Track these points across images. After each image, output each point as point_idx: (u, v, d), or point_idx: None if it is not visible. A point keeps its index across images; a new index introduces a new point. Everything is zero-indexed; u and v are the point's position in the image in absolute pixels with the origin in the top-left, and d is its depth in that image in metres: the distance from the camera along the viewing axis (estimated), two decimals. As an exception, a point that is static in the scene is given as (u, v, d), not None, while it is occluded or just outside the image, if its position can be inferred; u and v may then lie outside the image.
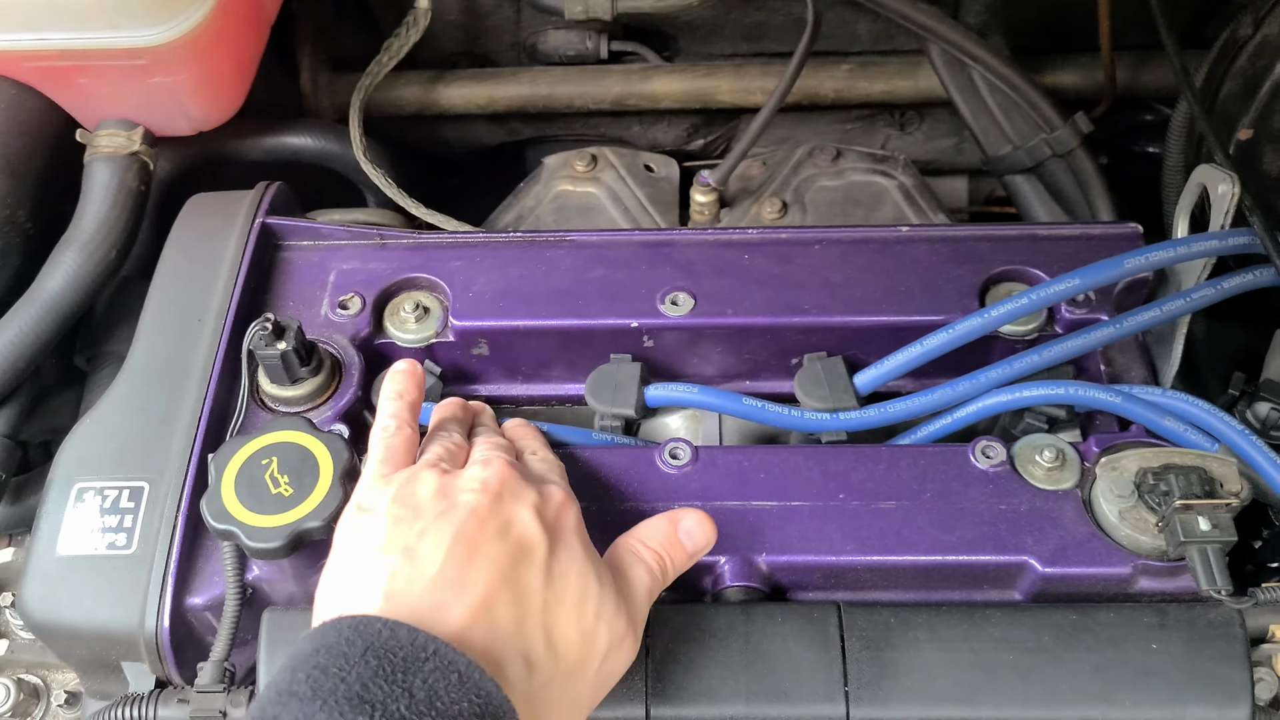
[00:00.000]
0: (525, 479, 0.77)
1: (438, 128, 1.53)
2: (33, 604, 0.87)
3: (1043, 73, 1.35)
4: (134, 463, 0.92)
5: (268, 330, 0.92)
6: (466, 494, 0.73)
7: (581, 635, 0.71)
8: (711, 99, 1.41)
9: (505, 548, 0.71)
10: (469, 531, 0.71)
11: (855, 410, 0.95)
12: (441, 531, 0.70)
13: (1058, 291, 0.93)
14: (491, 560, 0.70)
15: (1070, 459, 0.89)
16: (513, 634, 0.68)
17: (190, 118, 1.14)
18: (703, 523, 0.80)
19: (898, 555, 0.86)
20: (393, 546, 0.70)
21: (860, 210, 1.30)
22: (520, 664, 0.68)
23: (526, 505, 0.74)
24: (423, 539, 0.70)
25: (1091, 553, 0.85)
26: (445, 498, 0.73)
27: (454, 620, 0.66)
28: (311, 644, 0.63)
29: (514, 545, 0.71)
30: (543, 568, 0.71)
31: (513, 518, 0.73)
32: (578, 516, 0.77)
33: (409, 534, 0.70)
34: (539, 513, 0.74)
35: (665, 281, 1.02)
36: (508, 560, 0.70)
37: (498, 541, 0.71)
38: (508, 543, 0.71)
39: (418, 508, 0.72)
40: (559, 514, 0.75)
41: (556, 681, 0.70)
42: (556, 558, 0.72)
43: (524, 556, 0.71)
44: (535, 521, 0.73)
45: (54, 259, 1.07)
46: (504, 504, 0.73)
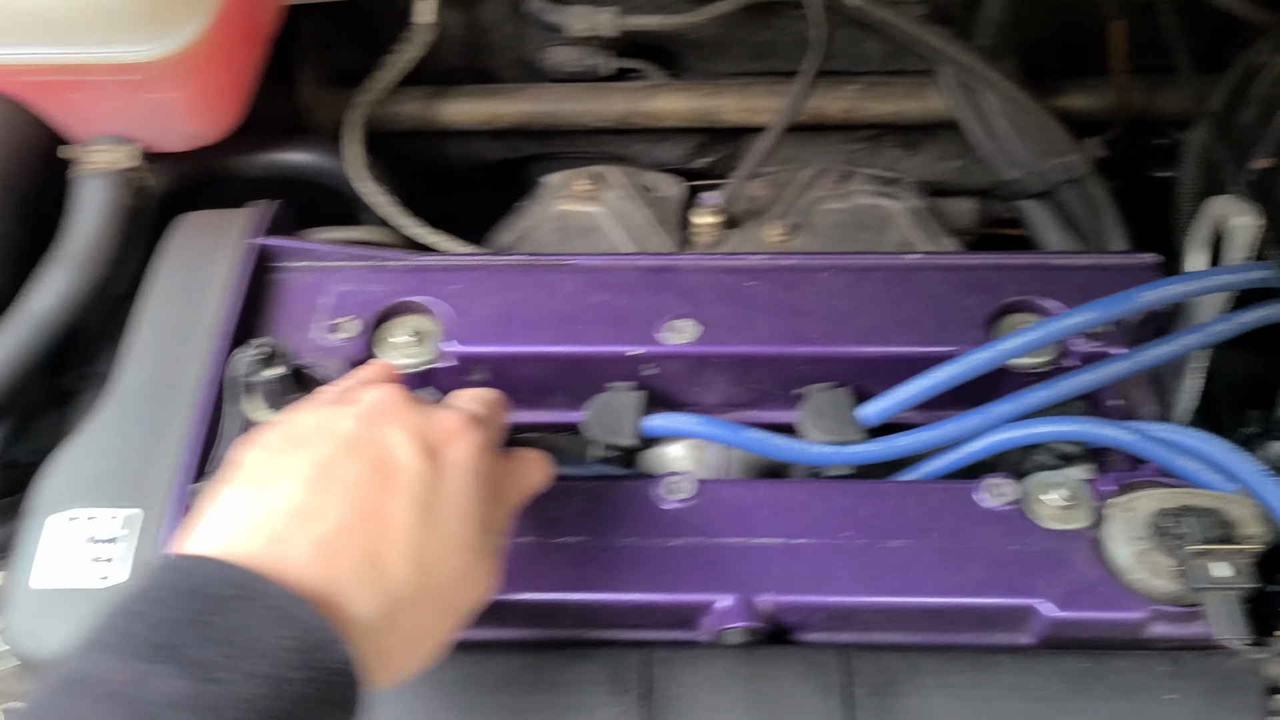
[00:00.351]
0: (417, 405, 0.73)
1: (438, 143, 1.50)
2: (18, 636, 0.84)
3: (1054, 95, 1.32)
4: (118, 490, 0.89)
5: (259, 355, 0.89)
6: (344, 419, 0.70)
7: (453, 570, 0.68)
8: (717, 118, 1.38)
9: (367, 473, 0.67)
10: (330, 458, 0.67)
11: (861, 444, 0.93)
12: (304, 459, 0.67)
13: (1071, 324, 0.91)
14: (348, 486, 0.66)
15: (1082, 498, 0.87)
16: (361, 564, 0.64)
17: (185, 134, 1.12)
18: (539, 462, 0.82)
19: (905, 596, 0.83)
20: (249, 477, 0.67)
21: (867, 234, 1.28)
22: (367, 593, 0.64)
23: (404, 428, 0.70)
24: (281, 469, 0.67)
25: (1104, 597, 0.82)
26: (322, 427, 0.70)
27: (296, 553, 0.63)
28: (134, 586, 0.61)
29: (377, 471, 0.67)
30: (412, 496, 0.67)
31: (385, 442, 0.69)
32: (474, 445, 0.72)
33: (271, 464, 0.68)
34: (419, 435, 0.70)
35: (668, 308, 0.99)
36: (368, 488, 0.66)
37: (360, 466, 0.67)
38: (371, 468, 0.67)
39: (290, 438, 0.69)
40: (446, 440, 0.71)
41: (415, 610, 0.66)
42: (433, 487, 0.68)
43: (388, 483, 0.67)
44: (410, 445, 0.69)
45: (42, 277, 1.04)
46: (377, 428, 0.70)
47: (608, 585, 0.82)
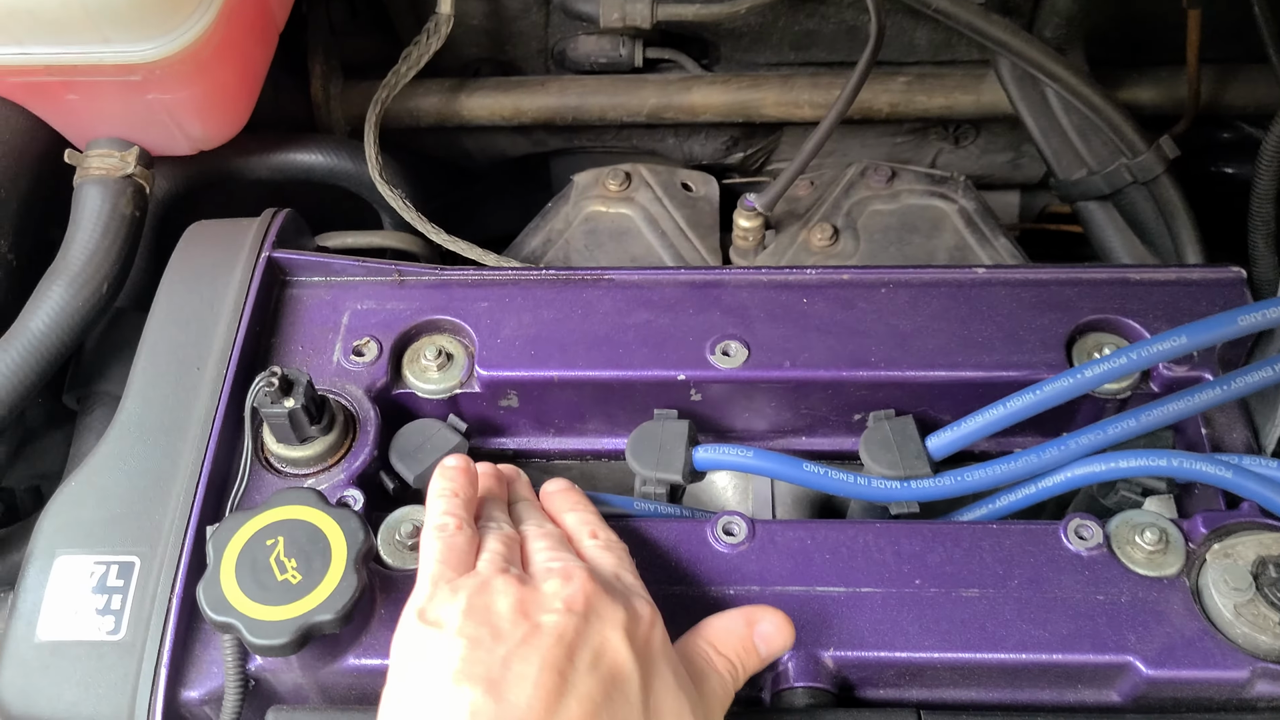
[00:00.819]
0: (609, 592, 0.68)
1: (458, 138, 1.42)
2: (10, 694, 0.78)
3: (1118, 88, 1.24)
4: (124, 533, 0.82)
5: (274, 385, 0.82)
6: (550, 615, 0.64)
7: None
8: (755, 112, 1.30)
9: (598, 682, 0.62)
10: (557, 661, 0.62)
11: (929, 478, 0.85)
12: (527, 661, 0.61)
13: (1161, 351, 0.83)
14: (584, 698, 0.61)
15: (1174, 541, 0.80)
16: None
17: (190, 137, 1.04)
18: (781, 628, 0.71)
19: (983, 653, 0.76)
20: (472, 676, 0.61)
21: (918, 237, 1.20)
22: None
23: (616, 627, 0.65)
24: (507, 669, 0.61)
25: (1203, 653, 0.75)
26: (526, 617, 0.64)
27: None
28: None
29: (607, 678, 0.62)
30: (639, 704, 0.62)
31: (604, 645, 0.64)
32: (664, 632, 0.68)
33: (490, 661, 0.61)
34: (629, 635, 0.65)
35: (715, 328, 0.91)
36: (601, 697, 0.61)
37: (589, 675, 0.62)
38: (599, 675, 0.62)
39: (496, 628, 0.63)
40: (649, 635, 0.67)
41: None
42: (651, 690, 0.64)
43: (618, 692, 0.62)
44: (626, 647, 0.64)
45: (39, 293, 0.97)
46: (592, 627, 0.64)
47: (657, 640, 0.75)
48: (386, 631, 0.77)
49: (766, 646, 0.71)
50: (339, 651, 0.77)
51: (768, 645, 0.71)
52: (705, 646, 0.70)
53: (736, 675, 0.70)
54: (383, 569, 0.80)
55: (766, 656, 0.71)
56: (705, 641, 0.70)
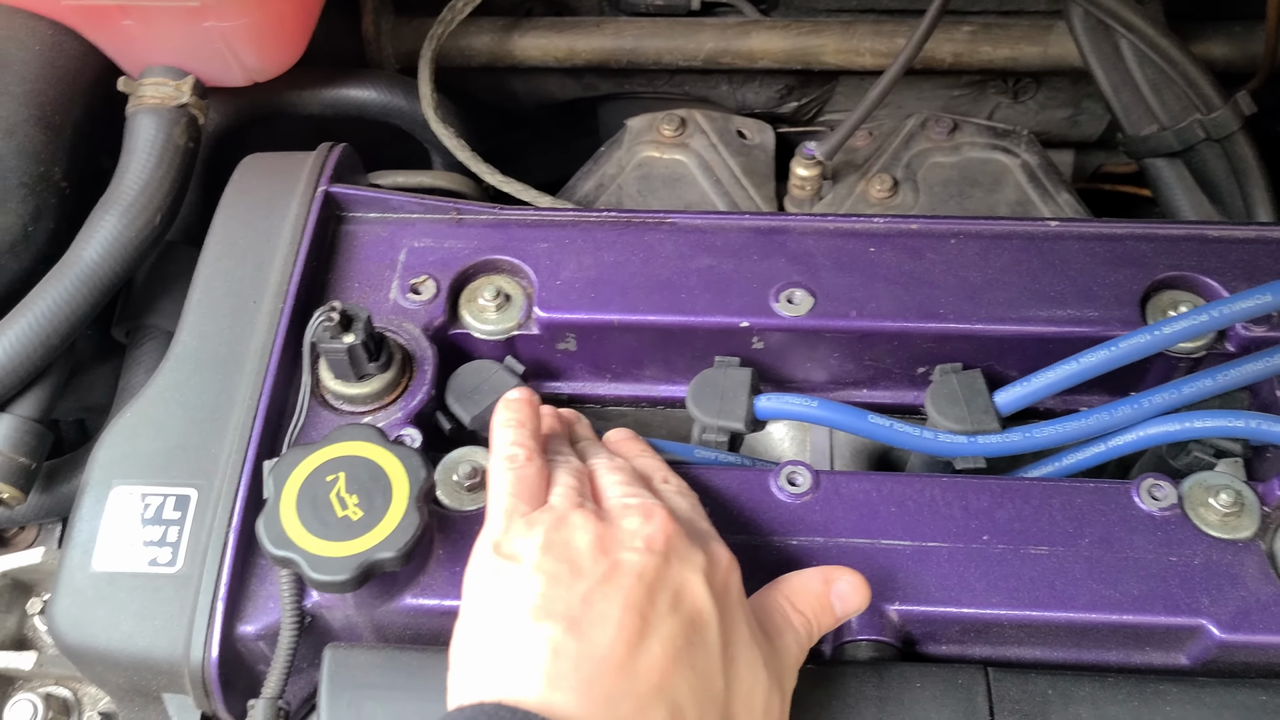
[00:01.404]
0: (688, 534, 0.66)
1: (507, 80, 1.40)
2: (64, 623, 0.77)
3: (1190, 41, 1.20)
4: (180, 466, 0.81)
5: (334, 321, 0.80)
6: (630, 553, 0.63)
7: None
8: (815, 59, 1.27)
9: (679, 625, 0.60)
10: (638, 601, 0.60)
11: (997, 434, 0.83)
12: (608, 599, 0.60)
13: (1243, 309, 0.81)
14: (666, 639, 0.59)
15: (1249, 504, 0.78)
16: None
17: (246, 67, 1.02)
18: (859, 588, 0.70)
19: (1052, 611, 0.75)
20: (553, 613, 0.59)
21: (979, 191, 1.17)
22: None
23: (696, 570, 0.63)
24: (589, 607, 0.59)
25: (1279, 618, 0.73)
26: (606, 554, 0.62)
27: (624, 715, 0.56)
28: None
29: (688, 622, 0.61)
30: (719, 651, 0.61)
31: (684, 587, 0.62)
32: (740, 581, 0.66)
33: (570, 598, 0.60)
34: (709, 579, 0.63)
35: (780, 275, 0.89)
36: (683, 641, 0.60)
37: (670, 617, 0.60)
38: (681, 618, 0.61)
39: (576, 565, 0.62)
40: (727, 580, 0.65)
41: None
42: (729, 638, 0.62)
43: (698, 637, 0.61)
44: (706, 591, 0.63)
45: (92, 223, 0.95)
46: (672, 568, 0.63)
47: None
48: (444, 571, 0.76)
49: (842, 605, 0.70)
50: (396, 590, 0.76)
51: (844, 604, 0.70)
52: (783, 602, 0.68)
53: (811, 632, 0.68)
54: (440, 509, 0.79)
55: (842, 616, 0.70)
56: (783, 597, 0.69)
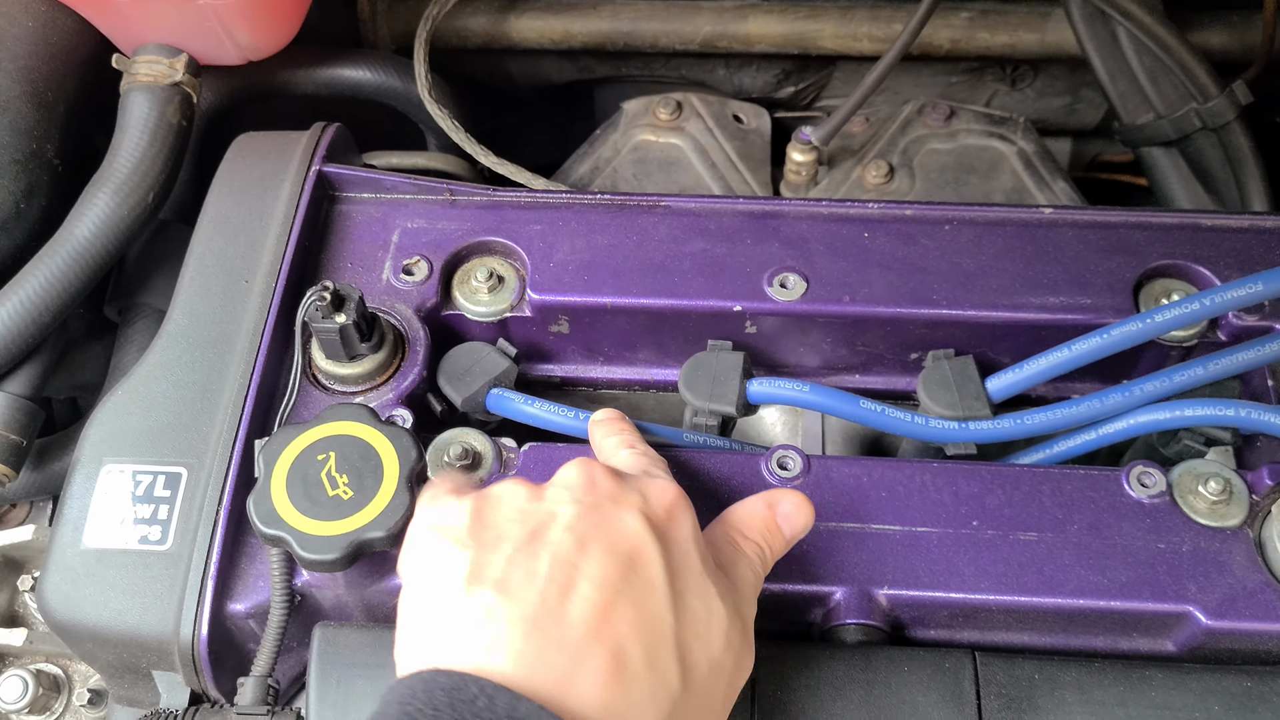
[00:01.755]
0: (622, 480, 0.65)
1: (502, 62, 1.39)
2: (55, 600, 0.77)
3: (1187, 30, 1.20)
4: (170, 444, 0.81)
5: (325, 300, 0.80)
6: (557, 506, 0.62)
7: (710, 663, 0.60)
8: (812, 44, 1.27)
9: (614, 564, 0.59)
10: (566, 552, 0.59)
11: (988, 420, 0.84)
12: (536, 556, 0.59)
13: (1235, 298, 0.81)
14: (599, 582, 0.58)
15: (1238, 492, 0.78)
16: (643, 676, 0.57)
17: (240, 46, 1.01)
18: (801, 506, 0.69)
19: (1039, 596, 0.75)
20: (482, 578, 0.59)
21: (975, 178, 1.17)
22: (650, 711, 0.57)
23: (631, 510, 0.62)
24: (516, 567, 0.59)
25: (1265, 605, 0.74)
26: (534, 514, 0.62)
27: (583, 679, 0.55)
28: (398, 707, 0.53)
29: (623, 560, 0.59)
30: (663, 584, 0.59)
31: (619, 529, 0.61)
32: (692, 520, 0.64)
33: (498, 561, 0.59)
34: (647, 517, 0.62)
35: (773, 259, 0.89)
36: (618, 579, 0.58)
37: (603, 558, 0.59)
38: (615, 558, 0.59)
39: (503, 529, 0.61)
40: (670, 517, 0.63)
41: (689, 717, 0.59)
42: (675, 571, 0.61)
43: (637, 574, 0.59)
44: (645, 529, 0.61)
45: (84, 200, 0.95)
46: (605, 514, 0.61)
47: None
48: (434, 552, 0.76)
49: (789, 526, 0.69)
50: (386, 570, 0.76)
51: (790, 525, 0.69)
52: (731, 533, 0.68)
53: (765, 557, 0.68)
54: (431, 490, 0.79)
55: (790, 537, 0.70)
56: (730, 528, 0.68)
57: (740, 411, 0.85)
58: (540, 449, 0.81)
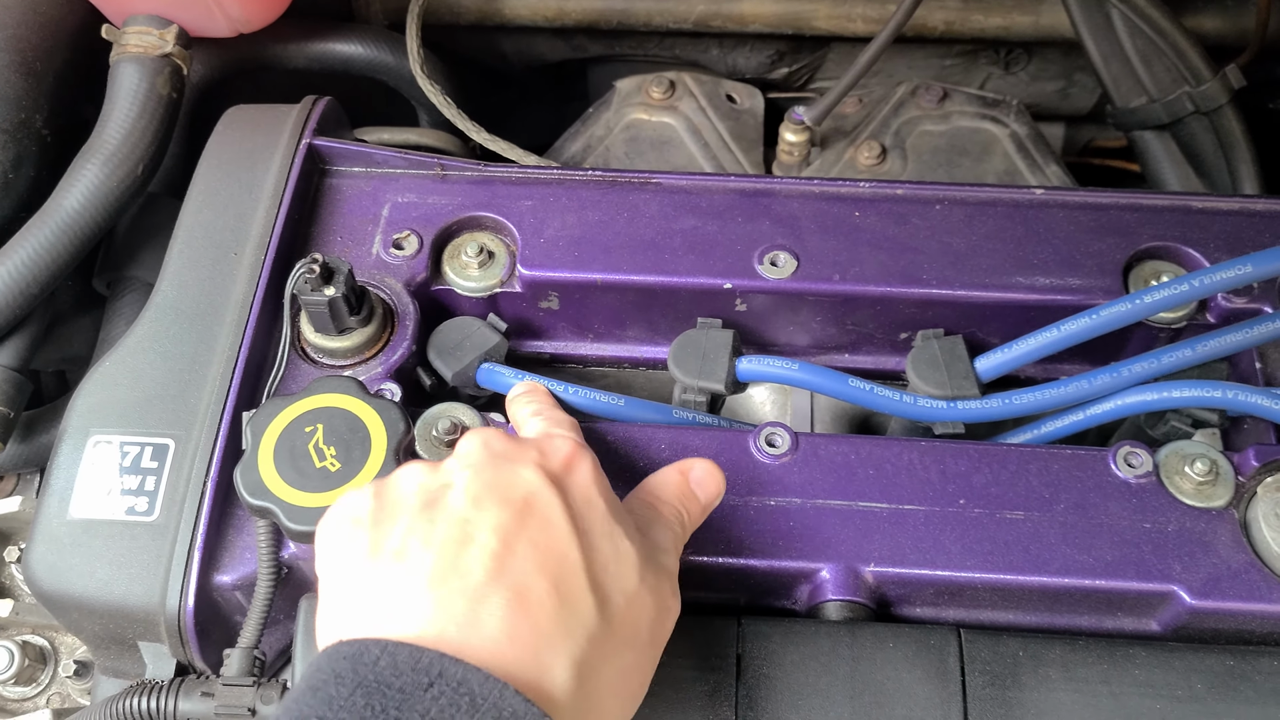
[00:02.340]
0: (515, 441, 0.66)
1: (495, 39, 1.39)
2: (41, 571, 0.77)
3: (1181, 14, 1.20)
4: (158, 415, 0.81)
5: (315, 273, 0.80)
6: (450, 474, 0.63)
7: (625, 596, 0.61)
8: (806, 24, 1.27)
9: (508, 512, 0.59)
10: (460, 511, 0.60)
11: (976, 400, 0.84)
12: (432, 521, 0.60)
13: (1224, 280, 0.81)
14: (493, 529, 0.58)
15: (1224, 473, 0.78)
16: (552, 612, 0.57)
17: (230, 18, 1.01)
18: (712, 472, 0.71)
19: (1025, 575, 0.75)
20: (380, 550, 0.59)
21: (967, 160, 1.17)
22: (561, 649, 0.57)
23: (525, 463, 0.63)
24: (411, 535, 0.59)
25: (1249, 586, 0.74)
26: (428, 489, 0.62)
27: (482, 626, 0.56)
28: (304, 683, 0.54)
29: (518, 505, 0.60)
30: (565, 524, 0.60)
31: (512, 481, 0.61)
32: (594, 469, 0.65)
33: (395, 532, 0.60)
34: (541, 467, 0.63)
35: (764, 237, 0.89)
36: (514, 524, 0.59)
37: (496, 509, 0.60)
38: (509, 507, 0.60)
39: (399, 504, 0.62)
40: (567, 465, 0.64)
41: (611, 651, 0.59)
42: (577, 512, 0.61)
43: (534, 516, 0.60)
44: (539, 476, 0.62)
45: (73, 171, 0.94)
46: (497, 472, 0.62)
47: (696, 546, 0.74)
48: (422, 526, 0.76)
49: (704, 491, 0.70)
50: (373, 543, 0.76)
51: (704, 490, 0.70)
52: (646, 499, 0.69)
53: (683, 520, 0.69)
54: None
55: (706, 502, 0.71)
56: (645, 495, 0.69)
57: (729, 389, 0.85)
58: (529, 424, 0.81)
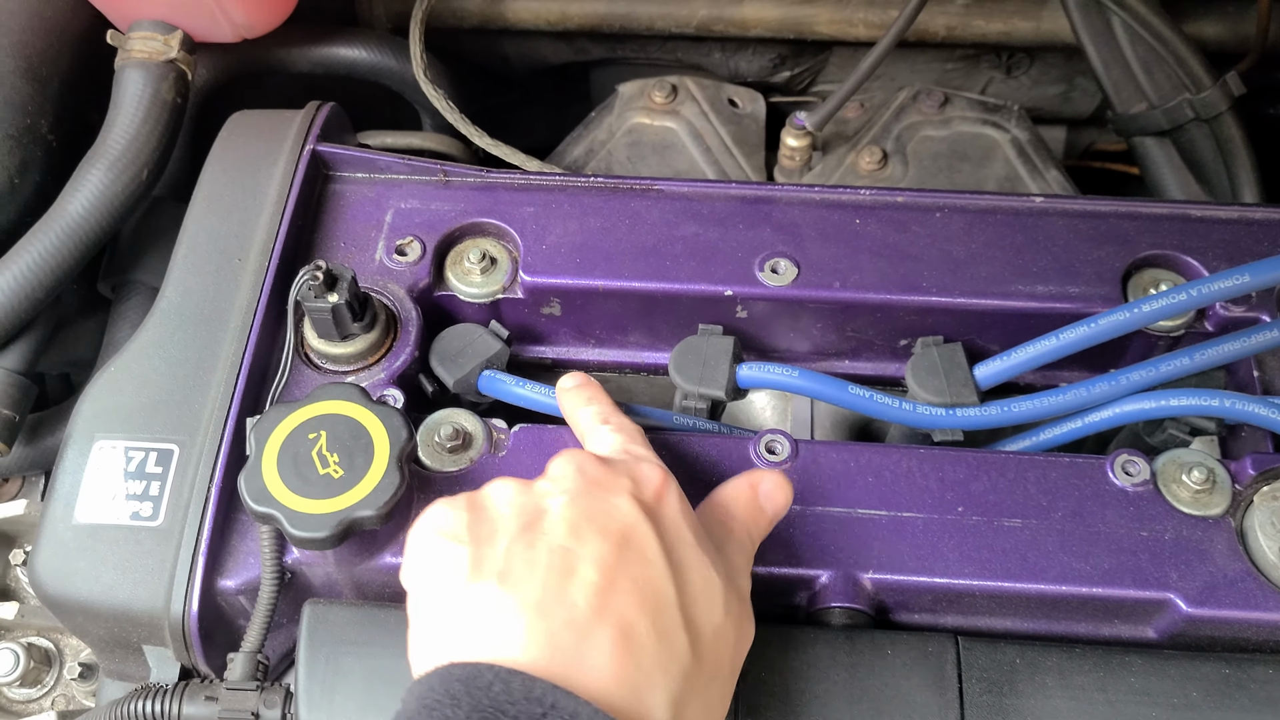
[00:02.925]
0: (609, 465, 0.66)
1: (498, 43, 1.39)
2: (46, 574, 0.78)
3: (1181, 20, 1.20)
4: (163, 421, 0.82)
5: (318, 280, 0.80)
6: (548, 499, 0.64)
7: (714, 630, 0.62)
8: (808, 29, 1.27)
9: (609, 545, 0.60)
10: (561, 538, 0.61)
11: (975, 407, 0.84)
12: (533, 545, 0.60)
13: (1222, 289, 0.81)
14: (595, 561, 0.59)
15: (1221, 481, 0.79)
16: (653, 650, 0.58)
17: (235, 23, 1.01)
18: (781, 485, 0.71)
19: (1023, 582, 0.75)
20: (483, 571, 0.60)
21: (968, 165, 1.18)
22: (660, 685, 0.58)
23: (620, 493, 0.64)
24: (514, 558, 0.60)
25: (1245, 594, 0.75)
26: (526, 508, 0.63)
27: (593, 659, 0.57)
28: (417, 701, 0.55)
29: (617, 539, 0.61)
30: (660, 559, 0.61)
31: (609, 512, 0.62)
32: (681, 498, 0.66)
33: (496, 554, 0.61)
34: (636, 499, 0.63)
35: (765, 245, 0.90)
36: (614, 557, 0.60)
37: (597, 540, 0.60)
38: (609, 539, 0.61)
39: (498, 525, 0.62)
40: (659, 496, 0.65)
41: (700, 686, 0.60)
42: (671, 546, 0.62)
43: (631, 550, 0.61)
44: (635, 509, 0.63)
45: (78, 176, 0.95)
46: (594, 500, 0.63)
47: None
48: (424, 531, 0.77)
49: (771, 505, 0.71)
50: (375, 549, 0.77)
51: (771, 504, 0.71)
52: (718, 513, 0.69)
53: (752, 535, 0.70)
54: (421, 470, 0.80)
55: (772, 515, 0.71)
56: (717, 508, 0.70)
57: (729, 395, 0.86)
58: (531, 430, 0.82)
